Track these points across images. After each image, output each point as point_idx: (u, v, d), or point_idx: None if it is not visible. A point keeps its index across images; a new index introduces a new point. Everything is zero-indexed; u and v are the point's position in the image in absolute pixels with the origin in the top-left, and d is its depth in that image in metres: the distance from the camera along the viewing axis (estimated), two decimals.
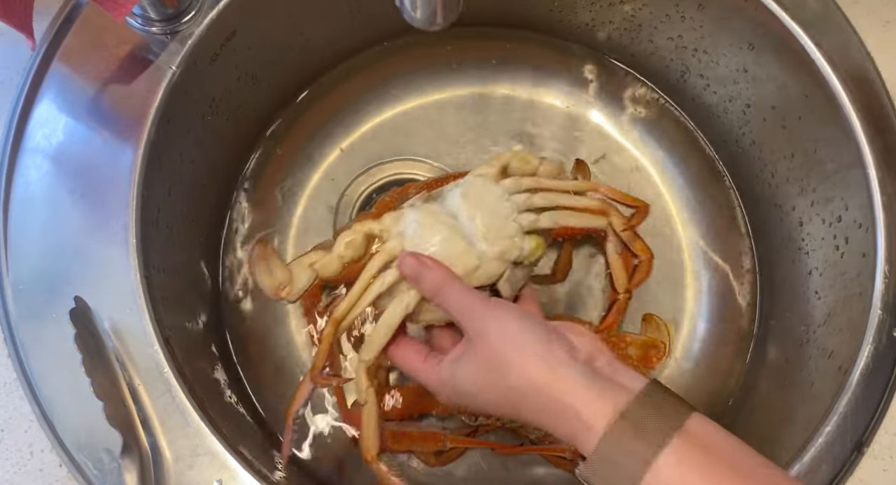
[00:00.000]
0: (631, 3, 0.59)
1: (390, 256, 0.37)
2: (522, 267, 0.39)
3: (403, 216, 0.38)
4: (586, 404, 0.30)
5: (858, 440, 0.38)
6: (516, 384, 0.32)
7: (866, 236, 0.43)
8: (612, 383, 0.31)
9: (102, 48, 0.47)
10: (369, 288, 0.37)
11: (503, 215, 0.38)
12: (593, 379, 0.31)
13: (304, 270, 0.38)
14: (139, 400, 0.37)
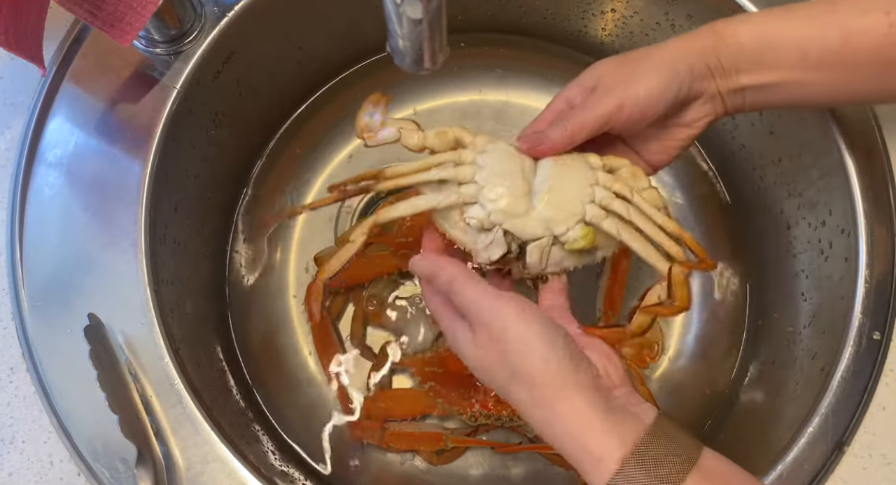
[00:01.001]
0: (621, 10, 0.60)
1: (457, 173, 0.39)
2: (562, 249, 0.38)
3: (494, 146, 0.40)
4: (596, 434, 0.29)
5: (839, 440, 0.39)
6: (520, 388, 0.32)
7: (849, 241, 0.44)
8: (626, 414, 0.30)
9: (109, 69, 0.49)
10: (426, 172, 0.39)
11: (575, 195, 0.38)
12: (607, 411, 0.30)
13: (390, 124, 0.41)
14: (152, 411, 0.40)
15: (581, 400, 0.30)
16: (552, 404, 0.31)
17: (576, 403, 0.30)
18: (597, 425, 0.29)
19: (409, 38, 0.26)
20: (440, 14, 0.25)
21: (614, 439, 0.29)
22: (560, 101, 0.41)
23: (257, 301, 0.60)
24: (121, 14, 0.40)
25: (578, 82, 0.40)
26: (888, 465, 0.39)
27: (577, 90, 0.40)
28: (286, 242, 0.62)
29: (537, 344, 0.31)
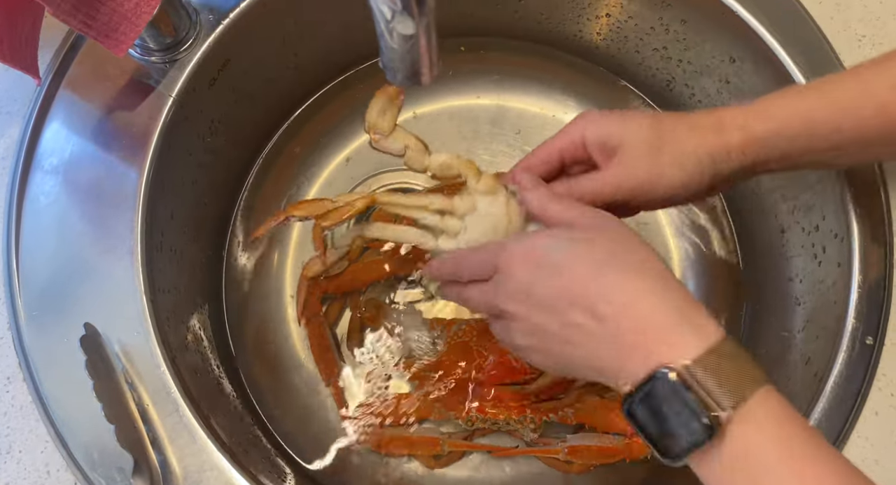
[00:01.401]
0: (616, 15, 0.60)
1: (444, 224, 0.40)
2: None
3: (488, 203, 0.39)
4: (702, 311, 0.30)
5: (832, 444, 0.40)
6: (628, 262, 0.31)
7: (842, 246, 0.45)
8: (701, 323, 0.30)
9: (105, 77, 0.49)
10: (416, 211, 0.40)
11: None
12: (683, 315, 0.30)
13: (400, 138, 0.41)
14: (148, 419, 0.40)
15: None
16: (664, 278, 0.30)
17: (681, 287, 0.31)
18: (677, 311, 0.29)
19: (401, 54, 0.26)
20: (431, 30, 0.25)
21: (691, 331, 0.29)
22: (566, 143, 0.39)
23: (254, 306, 0.61)
24: (115, 24, 0.40)
25: (590, 140, 0.38)
26: (882, 470, 0.39)
27: (597, 153, 0.39)
28: (283, 247, 0.63)
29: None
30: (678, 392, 0.27)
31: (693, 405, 0.27)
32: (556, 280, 0.31)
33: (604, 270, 0.30)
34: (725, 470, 0.28)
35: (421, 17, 0.24)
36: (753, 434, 0.27)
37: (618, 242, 0.32)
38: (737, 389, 0.27)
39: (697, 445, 0.28)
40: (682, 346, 0.28)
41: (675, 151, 0.36)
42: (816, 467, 0.27)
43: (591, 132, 0.38)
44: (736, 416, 0.27)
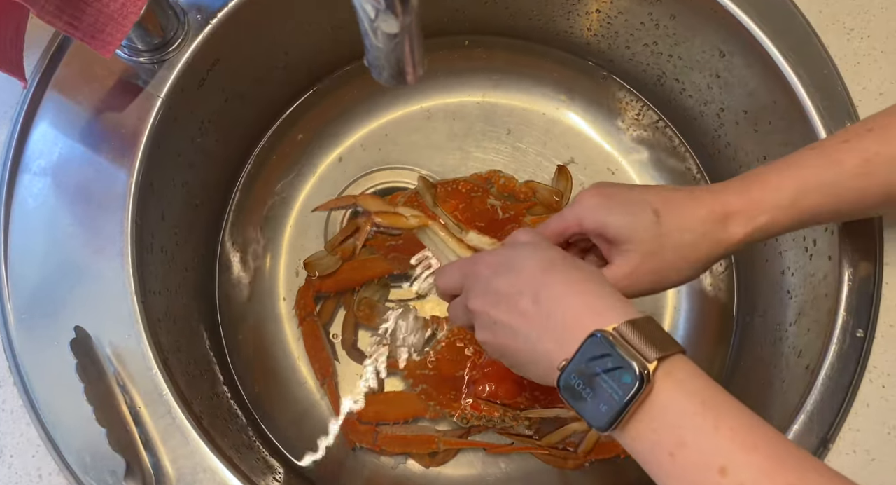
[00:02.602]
0: (606, 11, 0.60)
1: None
2: None
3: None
4: (604, 299, 0.32)
5: (824, 437, 0.40)
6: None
7: (832, 239, 0.45)
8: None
9: (93, 78, 0.48)
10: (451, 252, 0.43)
11: None
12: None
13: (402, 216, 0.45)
14: (141, 422, 0.40)
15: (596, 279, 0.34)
16: (601, 283, 0.33)
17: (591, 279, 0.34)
18: (606, 293, 0.32)
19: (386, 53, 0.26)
20: (415, 29, 0.25)
21: (618, 306, 0.32)
22: (562, 228, 0.41)
23: (248, 307, 0.60)
24: (101, 25, 0.40)
25: (587, 228, 0.39)
26: (872, 461, 0.39)
27: (597, 240, 0.40)
28: (276, 246, 0.62)
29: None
30: (606, 348, 0.30)
31: (624, 357, 0.29)
32: (512, 275, 0.35)
33: (550, 270, 0.34)
34: (647, 427, 0.29)
35: (405, 16, 0.24)
36: (673, 388, 0.29)
37: (571, 262, 0.35)
38: (660, 346, 0.30)
39: (631, 400, 0.29)
40: (612, 316, 0.31)
41: (678, 253, 0.37)
42: (730, 420, 0.28)
43: (587, 223, 0.39)
44: (660, 370, 0.29)
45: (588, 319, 0.31)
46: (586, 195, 0.40)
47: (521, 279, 0.34)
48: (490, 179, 0.63)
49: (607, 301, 0.32)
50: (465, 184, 0.61)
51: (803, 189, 0.36)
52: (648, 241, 0.37)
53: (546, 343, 0.33)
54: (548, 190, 0.62)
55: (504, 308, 0.35)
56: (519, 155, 0.65)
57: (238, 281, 0.61)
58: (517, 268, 0.35)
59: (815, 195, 0.36)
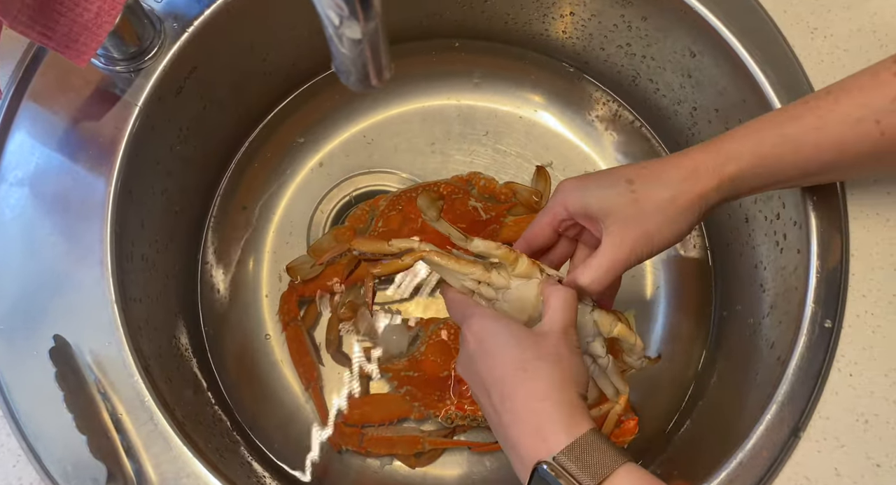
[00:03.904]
0: (580, 13, 0.61)
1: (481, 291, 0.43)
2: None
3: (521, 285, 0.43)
4: (552, 421, 0.34)
5: (795, 426, 0.41)
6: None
7: (800, 233, 0.46)
8: (575, 416, 0.34)
9: (69, 88, 0.48)
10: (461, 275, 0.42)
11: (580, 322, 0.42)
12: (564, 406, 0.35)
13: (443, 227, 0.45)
14: (123, 429, 0.40)
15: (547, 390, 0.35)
16: (563, 388, 0.35)
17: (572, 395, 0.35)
18: (555, 411, 0.34)
19: (352, 58, 0.27)
20: (379, 34, 0.25)
21: (562, 430, 0.33)
22: (552, 218, 0.43)
23: (231, 312, 0.61)
24: (75, 35, 0.40)
25: (573, 211, 0.41)
26: (841, 448, 0.40)
27: (585, 221, 0.41)
28: (258, 252, 0.63)
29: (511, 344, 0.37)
30: (551, 481, 0.32)
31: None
32: (487, 363, 0.37)
33: (520, 374, 0.35)
34: None
35: (368, 22, 0.24)
36: None
37: (539, 367, 0.36)
38: (598, 470, 0.32)
39: None
40: (555, 441, 0.33)
41: (658, 212, 0.39)
42: None
43: (571, 205, 0.41)
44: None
45: (536, 445, 0.33)
46: (565, 182, 0.42)
47: (495, 373, 0.36)
48: (471, 181, 0.64)
49: (556, 423, 0.34)
50: (445, 186, 0.62)
51: (764, 139, 0.38)
52: (626, 207, 0.39)
53: (509, 453, 0.36)
54: (527, 190, 0.62)
55: (480, 393, 0.38)
56: (499, 157, 0.65)
57: (220, 287, 0.61)
58: (492, 356, 0.37)
59: (774, 145, 0.38)
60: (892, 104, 0.35)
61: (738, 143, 0.39)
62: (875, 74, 0.37)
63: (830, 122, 0.37)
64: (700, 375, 0.58)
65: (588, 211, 0.40)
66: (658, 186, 0.39)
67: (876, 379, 0.41)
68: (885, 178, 0.45)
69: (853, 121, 0.36)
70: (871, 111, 0.36)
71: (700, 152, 0.39)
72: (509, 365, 0.36)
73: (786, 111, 0.39)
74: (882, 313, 0.42)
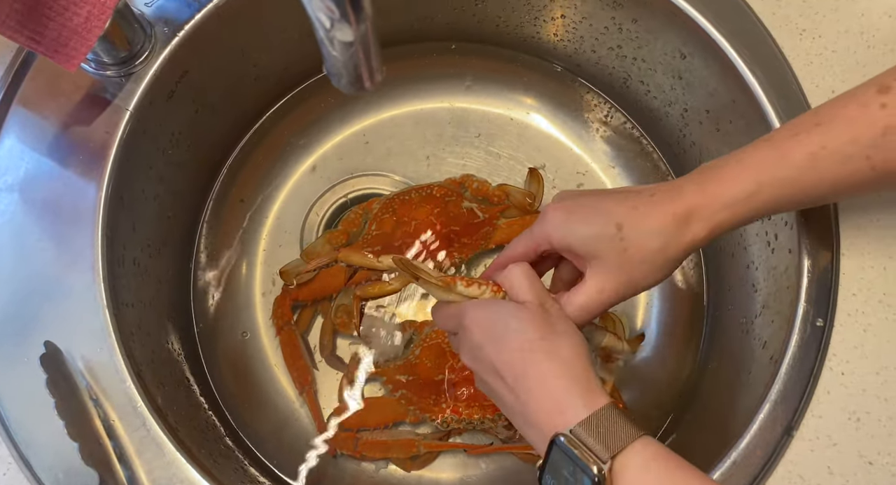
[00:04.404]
0: (571, 16, 0.61)
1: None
2: None
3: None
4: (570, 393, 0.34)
5: (788, 425, 0.41)
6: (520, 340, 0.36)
7: (791, 233, 0.46)
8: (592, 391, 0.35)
9: (59, 93, 0.48)
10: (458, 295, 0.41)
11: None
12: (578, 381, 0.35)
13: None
14: (115, 435, 0.39)
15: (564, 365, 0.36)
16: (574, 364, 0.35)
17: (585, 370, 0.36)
18: (572, 387, 0.35)
19: (343, 60, 0.27)
20: (370, 36, 0.25)
21: (581, 404, 0.34)
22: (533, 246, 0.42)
23: (224, 317, 0.60)
24: (65, 39, 0.40)
25: (556, 243, 0.40)
26: (834, 446, 0.40)
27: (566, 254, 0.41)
28: (251, 256, 0.62)
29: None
30: (568, 452, 0.32)
31: (580, 462, 0.32)
32: (495, 348, 0.37)
33: (529, 355, 0.36)
34: None
35: (359, 25, 0.24)
36: (633, 478, 0.32)
37: (549, 346, 0.36)
38: (614, 442, 0.32)
39: None
40: (572, 414, 0.34)
41: (646, 262, 0.38)
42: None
43: (555, 241, 0.40)
44: (616, 465, 0.32)
45: (553, 418, 0.34)
46: (550, 211, 0.40)
47: (503, 356, 0.36)
48: (464, 184, 0.64)
49: (574, 398, 0.34)
50: (439, 188, 0.62)
51: (758, 183, 0.37)
52: (614, 255, 0.38)
53: (526, 430, 0.36)
54: (520, 193, 0.62)
55: (491, 378, 0.38)
56: (491, 159, 0.65)
57: (213, 291, 0.61)
58: (501, 343, 0.37)
59: (770, 189, 0.37)
60: (881, 139, 0.35)
61: (734, 187, 0.37)
62: (864, 105, 0.36)
63: (822, 160, 0.36)
64: (693, 375, 0.58)
65: (573, 250, 0.39)
66: (648, 234, 0.38)
67: (867, 377, 0.41)
68: None
69: (844, 158, 0.36)
70: (861, 148, 0.35)
71: (694, 195, 0.38)
72: (517, 347, 0.36)
73: (774, 146, 0.38)
74: (872, 312, 0.43)
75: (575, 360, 0.35)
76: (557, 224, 0.40)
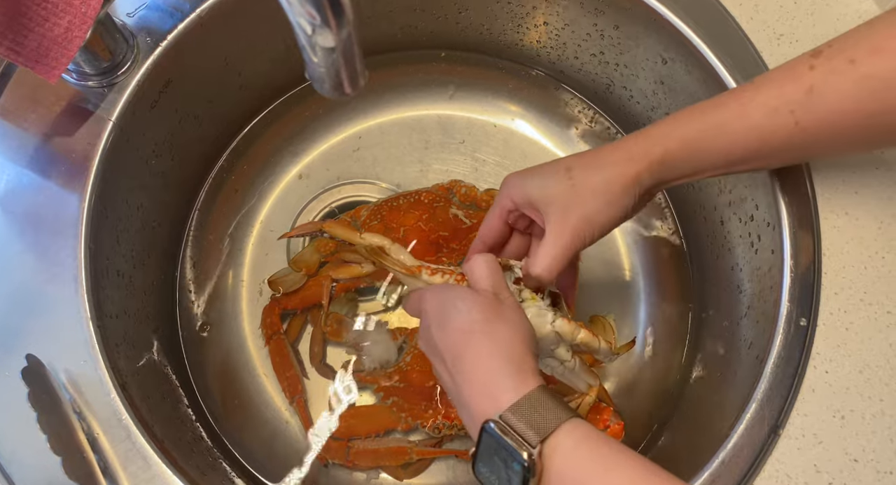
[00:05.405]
0: (553, 23, 0.62)
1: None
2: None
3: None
4: (503, 379, 0.35)
5: (774, 424, 0.41)
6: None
7: (774, 234, 0.47)
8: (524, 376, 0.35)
9: (40, 104, 0.48)
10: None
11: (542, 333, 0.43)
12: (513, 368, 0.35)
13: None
14: (99, 449, 0.39)
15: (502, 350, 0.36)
16: (510, 346, 0.36)
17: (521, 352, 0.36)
18: (504, 367, 0.35)
19: (325, 66, 0.27)
20: (353, 41, 0.26)
21: (511, 388, 0.34)
22: (501, 212, 0.45)
23: (210, 327, 0.60)
24: (45, 50, 0.40)
25: (518, 202, 0.43)
26: (820, 444, 0.41)
27: (529, 211, 0.43)
28: (238, 266, 0.62)
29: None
30: (498, 439, 0.33)
31: (510, 447, 0.32)
32: (441, 331, 0.38)
33: (468, 337, 0.36)
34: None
35: (341, 30, 0.24)
36: (563, 460, 0.32)
37: (490, 326, 0.37)
38: (543, 425, 0.32)
39: (525, 483, 0.32)
40: (504, 399, 0.34)
41: (593, 198, 0.40)
42: (623, 475, 0.31)
43: (515, 196, 0.43)
44: (546, 448, 0.32)
45: (484, 403, 0.34)
46: (509, 175, 0.44)
47: (446, 340, 0.37)
48: (451, 189, 0.64)
49: (505, 380, 0.34)
50: (427, 194, 0.62)
51: (690, 125, 0.40)
52: (565, 194, 0.40)
53: (463, 415, 0.37)
54: None
55: (437, 361, 0.39)
56: (478, 165, 0.66)
57: (200, 302, 0.61)
58: (445, 324, 0.38)
59: (699, 130, 0.40)
60: (805, 96, 0.37)
61: (666, 128, 0.41)
62: (792, 68, 0.38)
63: (750, 110, 0.39)
64: (681, 376, 0.58)
65: (531, 201, 0.42)
66: (593, 171, 0.41)
67: (850, 375, 0.42)
68: (852, 178, 0.47)
69: (770, 110, 0.38)
70: (786, 102, 0.37)
71: (630, 139, 0.41)
72: (458, 329, 0.37)
73: (712, 100, 0.41)
74: (854, 310, 0.43)
75: (513, 342, 0.36)
76: (516, 183, 0.43)
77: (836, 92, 0.36)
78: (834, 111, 0.37)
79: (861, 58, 0.35)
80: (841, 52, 0.36)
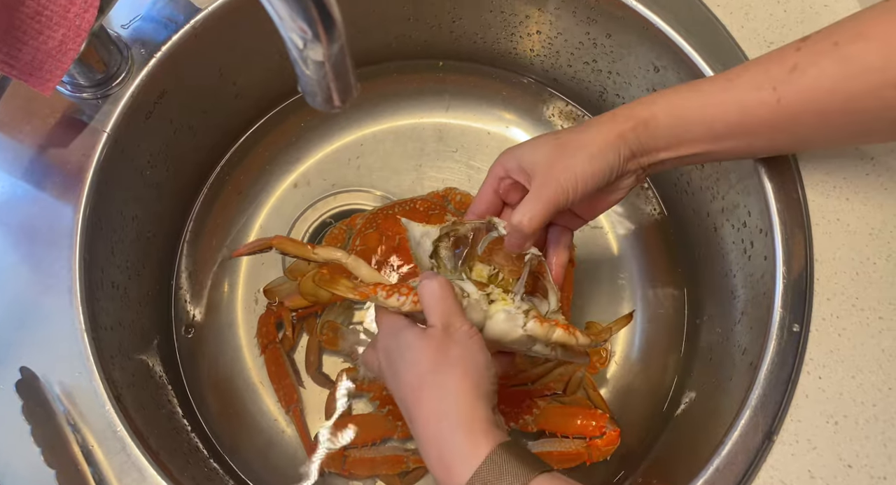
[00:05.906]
0: (546, 32, 0.62)
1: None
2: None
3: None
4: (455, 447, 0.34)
5: (769, 430, 0.41)
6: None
7: (766, 240, 0.47)
8: (484, 433, 0.34)
9: (35, 116, 0.48)
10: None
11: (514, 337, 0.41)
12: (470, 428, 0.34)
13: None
14: (94, 461, 0.39)
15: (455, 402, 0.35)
16: (461, 403, 0.35)
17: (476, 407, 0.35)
18: (455, 431, 0.34)
19: (317, 79, 0.27)
20: (344, 55, 0.26)
21: (463, 460, 0.33)
22: (494, 180, 0.45)
23: (206, 337, 0.60)
24: (39, 62, 0.40)
25: (509, 168, 0.44)
26: (814, 450, 0.41)
27: (519, 176, 0.44)
28: (233, 275, 0.62)
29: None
30: None
31: None
32: (394, 383, 0.38)
33: (418, 393, 0.36)
34: None
35: (332, 44, 0.25)
36: None
37: (437, 379, 0.36)
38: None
39: None
40: (457, 473, 0.33)
41: (577, 151, 0.41)
42: None
43: (508, 164, 0.44)
44: None
45: (443, 476, 0.34)
46: (503, 152, 0.45)
47: (399, 394, 0.38)
48: (447, 197, 0.64)
49: (457, 447, 0.34)
50: (422, 202, 0.62)
51: (676, 93, 0.42)
52: (551, 152, 0.42)
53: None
54: None
55: (403, 413, 0.38)
56: (473, 172, 0.66)
57: (195, 312, 0.60)
58: (398, 375, 0.38)
59: (684, 98, 0.41)
60: (788, 74, 0.38)
61: (653, 96, 0.42)
62: (781, 51, 0.40)
63: (736, 85, 0.40)
64: (676, 383, 0.58)
65: (521, 164, 0.43)
66: (579, 131, 0.42)
67: (843, 381, 0.42)
68: (844, 185, 0.47)
69: (754, 86, 0.39)
70: (769, 78, 0.39)
71: (621, 107, 0.43)
72: (408, 385, 0.36)
73: (704, 78, 0.43)
74: (846, 315, 0.43)
75: (461, 392, 0.35)
76: (507, 152, 0.45)
77: (816, 69, 0.37)
78: (814, 88, 0.37)
79: (844, 41, 0.37)
80: (827, 37, 0.38)
